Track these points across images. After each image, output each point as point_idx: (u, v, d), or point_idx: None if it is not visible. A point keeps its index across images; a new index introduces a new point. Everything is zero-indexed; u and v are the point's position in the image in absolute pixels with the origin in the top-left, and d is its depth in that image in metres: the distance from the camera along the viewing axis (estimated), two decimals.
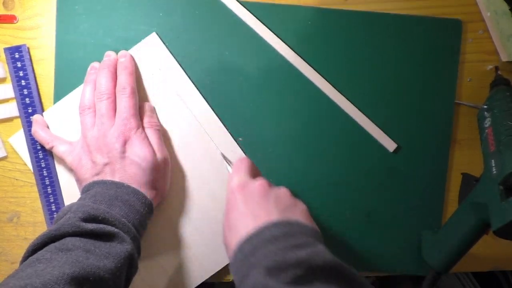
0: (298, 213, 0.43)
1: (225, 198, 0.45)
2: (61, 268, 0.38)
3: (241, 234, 0.41)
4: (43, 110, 0.54)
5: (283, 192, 0.45)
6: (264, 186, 0.44)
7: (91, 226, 0.42)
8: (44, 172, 0.53)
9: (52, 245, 0.41)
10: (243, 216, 0.42)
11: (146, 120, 0.52)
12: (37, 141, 0.53)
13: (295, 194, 0.46)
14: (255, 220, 0.41)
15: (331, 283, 0.37)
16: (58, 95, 0.54)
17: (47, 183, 0.53)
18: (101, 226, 0.43)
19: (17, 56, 0.53)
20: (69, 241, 0.41)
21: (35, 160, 0.53)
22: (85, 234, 0.42)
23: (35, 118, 0.53)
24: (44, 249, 0.41)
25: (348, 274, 0.37)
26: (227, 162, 0.53)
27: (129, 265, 0.44)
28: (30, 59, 0.53)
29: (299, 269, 0.36)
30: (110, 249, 0.42)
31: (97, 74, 0.51)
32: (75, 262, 0.39)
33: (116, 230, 0.43)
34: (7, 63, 0.53)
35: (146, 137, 0.50)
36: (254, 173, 0.48)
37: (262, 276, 0.36)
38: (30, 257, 0.40)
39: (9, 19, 0.53)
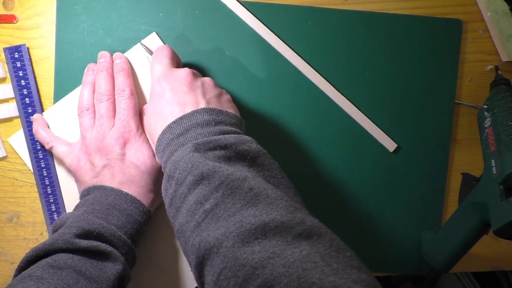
0: (224, 102, 0.46)
1: (151, 86, 0.47)
2: None
3: (168, 119, 0.43)
4: (42, 110, 0.54)
5: (208, 81, 0.47)
6: (190, 75, 0.46)
7: (84, 243, 0.42)
8: (44, 172, 0.53)
9: (44, 261, 0.42)
10: (171, 104, 0.44)
11: None
12: (37, 141, 0.53)
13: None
14: (183, 108, 0.43)
15: (251, 168, 0.39)
16: (58, 95, 0.54)
17: (47, 183, 0.53)
18: (95, 244, 0.43)
19: (16, 56, 0.53)
20: (61, 258, 0.42)
21: (35, 160, 0.53)
22: (78, 251, 0.43)
23: (36, 117, 0.53)
24: (36, 264, 0.42)
25: (269, 164, 0.40)
26: (148, 52, 0.53)
27: (120, 284, 0.44)
28: (30, 59, 0.53)
29: (227, 150, 0.39)
30: (101, 270, 0.43)
31: (96, 76, 0.51)
32: (65, 287, 0.40)
33: (109, 248, 0.44)
34: (7, 63, 0.53)
35: (146, 139, 0.50)
36: (176, 61, 0.49)
37: (189, 150, 0.39)
38: (23, 272, 0.41)
39: (9, 19, 0.53)
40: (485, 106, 0.53)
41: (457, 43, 0.57)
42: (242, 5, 0.55)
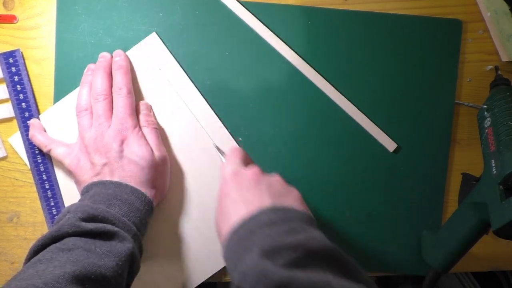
0: (292, 199, 0.43)
1: (219, 187, 0.45)
2: (62, 268, 0.38)
3: (233, 220, 0.41)
4: (39, 114, 0.54)
5: (276, 179, 0.45)
6: (257, 173, 0.44)
7: (90, 225, 0.42)
8: (44, 176, 0.53)
9: (52, 246, 0.41)
10: (236, 202, 0.42)
11: (142, 119, 0.52)
12: (35, 145, 0.53)
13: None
14: (247, 207, 0.41)
15: (327, 268, 0.36)
16: (58, 95, 0.54)
17: (47, 186, 0.53)
18: (101, 225, 0.43)
19: (11, 61, 0.53)
20: (69, 241, 0.41)
21: (34, 164, 0.53)
22: (85, 234, 0.42)
23: (32, 122, 0.53)
24: (45, 250, 0.41)
25: (344, 259, 0.37)
26: (221, 153, 0.53)
27: (131, 263, 0.44)
28: (24, 63, 0.53)
29: (296, 252, 0.36)
30: (111, 247, 0.42)
31: (93, 75, 0.51)
32: (76, 261, 0.39)
33: (116, 228, 0.43)
34: (2, 69, 0.52)
35: (143, 136, 0.50)
36: (248, 162, 0.48)
37: (257, 257, 0.36)
38: (32, 259, 0.41)
39: (9, 19, 0.53)
40: (485, 106, 0.53)
41: (457, 43, 0.57)
42: (242, 5, 0.55)
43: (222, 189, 0.44)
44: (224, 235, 0.41)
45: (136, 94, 0.53)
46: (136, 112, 0.51)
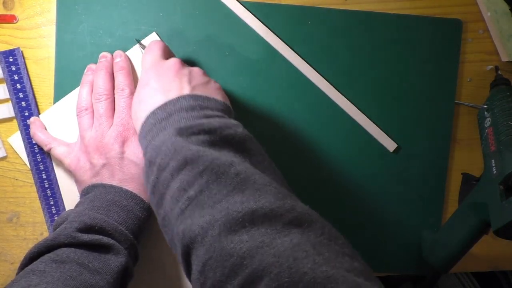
0: (212, 89, 0.44)
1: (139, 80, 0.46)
2: (53, 286, 0.38)
3: (152, 106, 0.41)
4: (39, 113, 0.54)
5: (196, 70, 0.45)
6: (177, 63, 0.45)
7: (86, 237, 0.42)
8: (43, 174, 0.53)
9: (46, 256, 0.42)
10: (155, 91, 0.42)
11: None
12: (35, 144, 0.53)
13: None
14: (167, 95, 0.42)
15: (236, 152, 0.37)
16: (58, 95, 0.54)
17: (46, 185, 0.53)
18: (97, 237, 0.43)
19: (11, 60, 0.53)
20: (63, 252, 0.42)
21: (34, 163, 0.53)
22: (80, 245, 0.42)
23: (33, 120, 0.53)
24: (39, 259, 0.42)
25: (255, 148, 0.39)
26: (142, 48, 0.53)
27: (123, 277, 0.44)
28: (24, 62, 0.53)
29: (210, 135, 0.37)
30: (104, 263, 0.42)
31: (94, 75, 0.51)
32: (68, 279, 0.39)
33: (111, 241, 0.43)
34: (2, 68, 0.52)
35: None
36: (169, 54, 0.48)
37: (172, 134, 0.37)
38: (26, 267, 0.41)
39: (9, 19, 0.53)
40: (485, 106, 0.53)
41: (457, 43, 0.57)
42: (242, 5, 0.55)
43: (141, 79, 0.45)
44: (140, 119, 0.42)
45: None
46: None
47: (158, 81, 0.43)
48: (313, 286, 0.26)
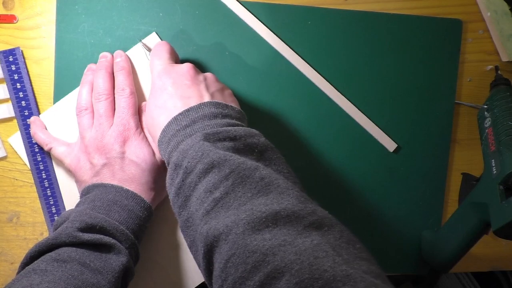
0: (227, 96, 0.45)
1: (152, 81, 0.46)
2: (56, 285, 0.38)
3: (172, 112, 0.42)
4: (39, 112, 0.54)
5: (210, 76, 0.46)
6: (192, 69, 0.45)
7: (87, 236, 0.42)
8: (43, 174, 0.53)
9: (48, 255, 0.41)
10: (174, 97, 0.43)
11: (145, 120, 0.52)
12: (35, 143, 0.53)
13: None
14: (187, 102, 0.42)
15: (261, 158, 0.39)
16: (58, 95, 0.54)
17: (46, 185, 0.53)
18: (98, 237, 0.43)
19: (11, 59, 0.53)
20: (65, 251, 0.42)
21: (34, 163, 0.53)
22: (81, 245, 0.42)
23: (33, 119, 0.52)
24: (40, 258, 0.41)
25: (277, 157, 0.40)
26: (147, 50, 0.53)
27: (124, 276, 0.44)
28: (24, 62, 0.53)
29: (236, 142, 0.38)
30: (106, 262, 0.42)
31: (94, 75, 0.51)
32: (70, 278, 0.39)
33: (112, 241, 0.43)
34: (2, 67, 0.52)
35: (145, 137, 0.50)
36: (175, 56, 0.49)
37: (199, 139, 0.38)
38: (27, 267, 0.41)
39: (9, 19, 0.53)
40: (485, 106, 0.53)
41: (457, 43, 0.57)
42: (242, 5, 0.55)
43: (157, 83, 0.45)
44: (161, 124, 0.42)
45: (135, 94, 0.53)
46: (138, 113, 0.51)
47: (176, 88, 0.43)
48: (332, 283, 0.27)
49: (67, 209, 0.53)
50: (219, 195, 0.35)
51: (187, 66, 0.45)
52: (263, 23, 0.55)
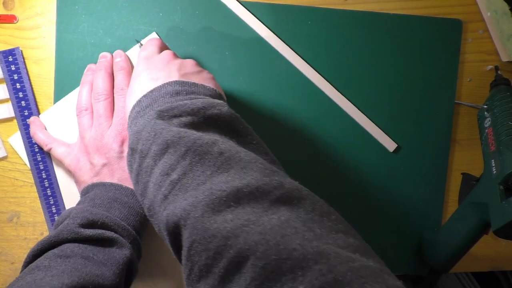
0: (203, 79, 0.42)
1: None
2: (60, 278, 0.38)
3: (138, 95, 0.40)
4: (39, 112, 0.54)
5: (188, 60, 0.44)
6: (169, 55, 0.43)
7: (89, 232, 0.42)
8: (43, 174, 0.53)
9: (50, 252, 0.41)
10: (144, 81, 0.41)
11: None
12: (35, 143, 0.53)
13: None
14: (155, 83, 0.40)
15: (222, 132, 0.36)
16: (58, 95, 0.54)
17: (46, 185, 0.53)
18: (100, 231, 0.42)
19: (10, 59, 0.53)
20: (67, 247, 0.41)
21: (34, 163, 0.53)
22: (83, 240, 0.42)
23: (33, 119, 0.52)
24: (43, 255, 0.41)
25: (243, 128, 0.37)
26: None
27: (128, 270, 0.44)
28: (24, 62, 0.53)
29: (193, 116, 0.35)
30: (109, 255, 0.42)
31: (94, 75, 0.51)
32: (74, 271, 0.39)
33: (115, 235, 0.43)
34: (1, 67, 0.52)
35: None
36: (164, 50, 0.47)
37: (152, 117, 0.35)
38: (30, 264, 0.41)
39: (9, 19, 0.53)
40: (485, 106, 0.53)
41: (457, 43, 0.57)
42: (242, 5, 0.55)
43: (134, 71, 0.43)
44: (129, 110, 0.41)
45: None
46: None
47: (148, 73, 0.42)
48: (302, 262, 0.25)
49: (67, 208, 0.53)
50: (176, 177, 0.32)
51: (165, 53, 0.44)
52: (263, 23, 0.55)
